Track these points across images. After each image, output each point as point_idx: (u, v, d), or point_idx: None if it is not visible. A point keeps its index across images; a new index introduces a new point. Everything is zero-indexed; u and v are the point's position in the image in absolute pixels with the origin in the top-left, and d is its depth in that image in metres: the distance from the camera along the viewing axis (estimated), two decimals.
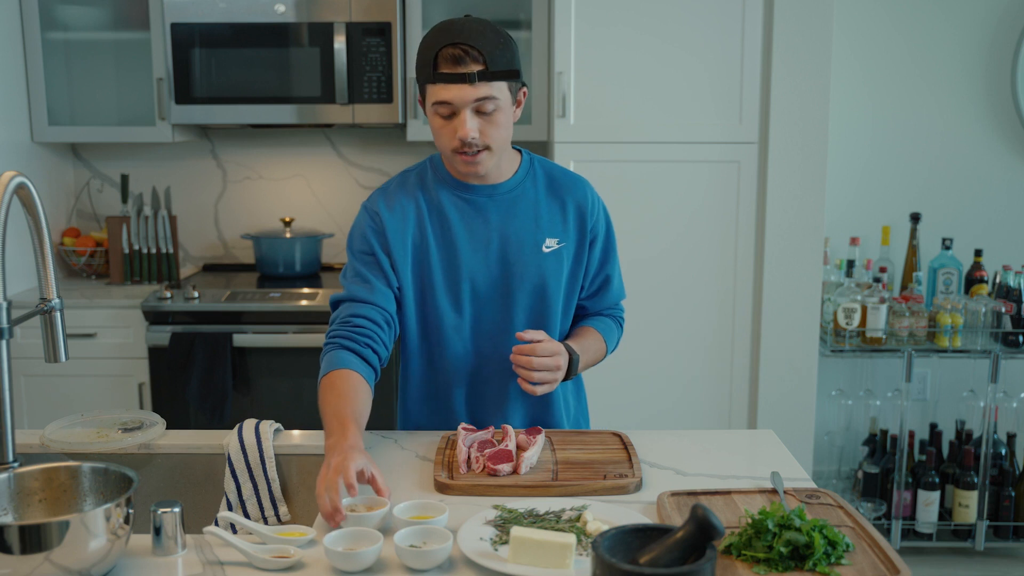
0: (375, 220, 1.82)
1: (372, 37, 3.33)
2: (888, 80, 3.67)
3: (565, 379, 1.80)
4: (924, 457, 3.41)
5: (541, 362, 1.71)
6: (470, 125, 1.69)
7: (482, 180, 1.82)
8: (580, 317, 1.95)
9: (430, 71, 1.68)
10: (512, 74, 1.69)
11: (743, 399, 3.28)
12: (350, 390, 1.66)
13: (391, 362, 3.27)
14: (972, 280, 3.47)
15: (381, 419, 3.25)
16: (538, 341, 1.74)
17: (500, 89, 1.69)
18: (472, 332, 1.86)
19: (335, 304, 1.83)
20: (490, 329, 1.86)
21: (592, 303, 1.94)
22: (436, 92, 1.68)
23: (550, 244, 1.84)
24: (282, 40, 3.35)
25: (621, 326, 2.00)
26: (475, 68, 1.65)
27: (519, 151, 1.89)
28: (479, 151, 1.73)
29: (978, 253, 3.47)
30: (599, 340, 1.90)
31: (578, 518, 1.46)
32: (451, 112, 1.70)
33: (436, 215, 1.83)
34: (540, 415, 1.93)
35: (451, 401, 1.90)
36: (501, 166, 1.83)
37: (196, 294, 3.24)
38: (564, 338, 1.91)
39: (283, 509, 1.78)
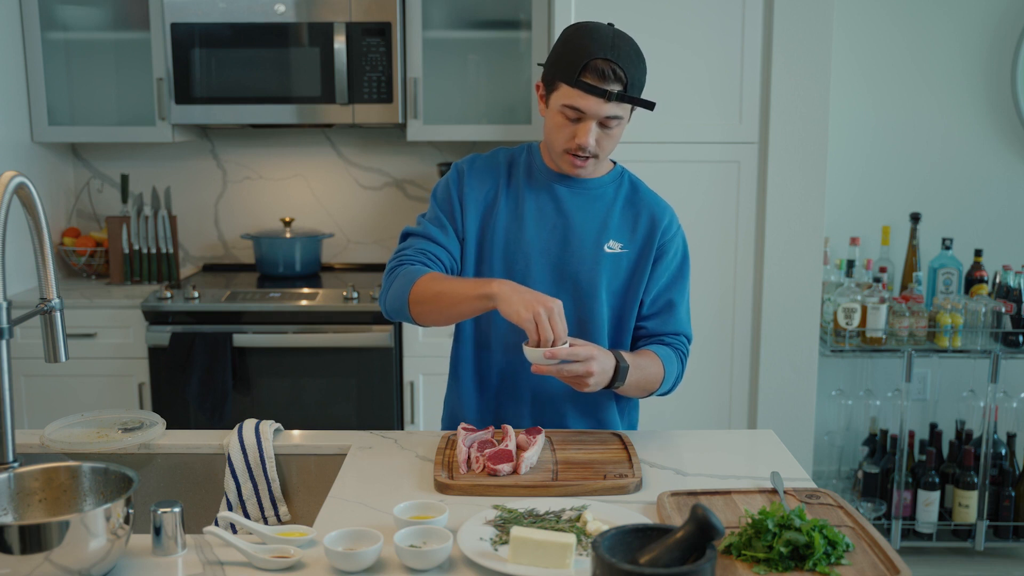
0: (459, 171, 1.92)
1: (372, 37, 3.33)
2: (888, 80, 3.66)
3: (611, 387, 1.77)
4: (924, 457, 3.40)
5: (571, 368, 1.68)
6: (591, 136, 1.75)
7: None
8: (642, 338, 1.95)
9: (574, 75, 1.71)
10: (647, 105, 1.74)
11: (743, 399, 3.28)
12: (451, 276, 1.83)
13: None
14: (972, 280, 3.47)
15: (382, 419, 3.26)
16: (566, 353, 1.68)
17: (626, 110, 1.76)
18: None
19: (406, 235, 1.92)
20: None
21: (653, 324, 1.94)
22: (571, 96, 1.73)
23: (612, 246, 1.88)
24: (282, 40, 3.35)
25: (683, 361, 1.96)
26: (615, 88, 1.71)
27: (613, 162, 1.95)
28: (587, 157, 1.79)
29: (978, 253, 3.47)
30: (657, 364, 1.87)
31: (578, 518, 1.46)
32: (577, 118, 1.75)
33: (514, 188, 1.90)
34: (586, 409, 1.92)
35: (491, 373, 1.90)
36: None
37: (196, 294, 3.24)
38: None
39: (283, 509, 1.79)
